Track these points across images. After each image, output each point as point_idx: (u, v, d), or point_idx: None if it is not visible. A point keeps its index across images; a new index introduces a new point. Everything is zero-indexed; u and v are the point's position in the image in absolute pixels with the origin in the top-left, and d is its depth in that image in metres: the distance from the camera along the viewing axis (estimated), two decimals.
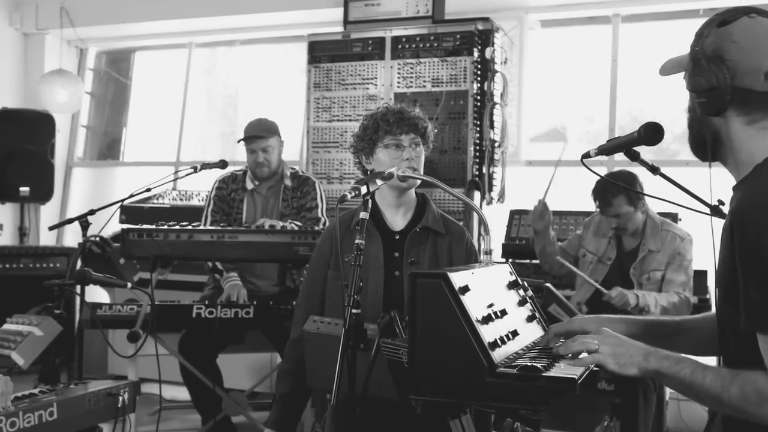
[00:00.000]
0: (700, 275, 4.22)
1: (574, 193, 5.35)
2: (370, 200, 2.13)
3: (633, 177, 3.69)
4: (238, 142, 4.18)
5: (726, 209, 1.71)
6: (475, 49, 4.74)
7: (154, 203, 5.64)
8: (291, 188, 4.16)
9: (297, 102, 6.14)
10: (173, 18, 6.22)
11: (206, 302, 3.61)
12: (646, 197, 3.80)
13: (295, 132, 5.98)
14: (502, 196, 4.89)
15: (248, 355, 4.89)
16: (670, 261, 3.78)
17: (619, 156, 2.10)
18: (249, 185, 4.18)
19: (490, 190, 4.82)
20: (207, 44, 6.69)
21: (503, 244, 4.85)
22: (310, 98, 5.18)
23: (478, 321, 1.64)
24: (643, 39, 5.36)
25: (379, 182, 2.20)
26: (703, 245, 4.57)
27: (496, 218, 4.89)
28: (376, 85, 5.00)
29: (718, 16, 1.62)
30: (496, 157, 4.86)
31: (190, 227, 3.50)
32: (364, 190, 2.10)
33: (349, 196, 2.05)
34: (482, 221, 2.10)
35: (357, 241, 2.04)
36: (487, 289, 1.82)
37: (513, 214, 4.94)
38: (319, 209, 4.14)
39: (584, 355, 1.69)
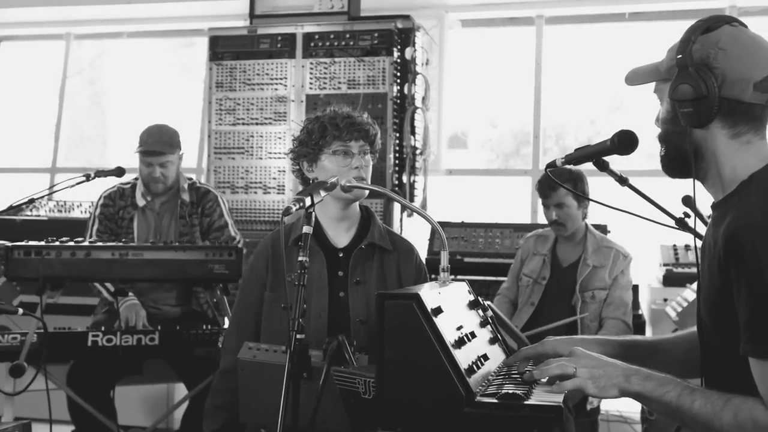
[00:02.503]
0: (633, 290, 4.36)
1: (496, 204, 5.48)
2: (313, 213, 2.07)
3: (579, 174, 3.79)
4: (136, 152, 3.98)
5: (702, 226, 1.75)
6: (394, 49, 4.76)
7: (27, 215, 5.35)
8: (189, 203, 4.00)
9: (194, 102, 6.01)
10: (49, 5, 5.94)
11: (103, 329, 3.43)
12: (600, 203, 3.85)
13: (192, 136, 5.83)
14: (423, 207, 4.93)
15: (141, 387, 4.69)
16: (614, 281, 3.86)
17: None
18: (140, 201, 3.99)
19: (411, 200, 4.84)
20: (88, 36, 6.43)
21: (426, 259, 4.88)
22: (211, 99, 5.06)
23: (452, 345, 1.62)
24: (562, 43, 5.55)
25: (322, 193, 2.15)
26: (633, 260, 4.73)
27: (417, 231, 4.91)
28: (285, 85, 4.94)
29: (701, 23, 1.66)
30: (417, 165, 4.89)
31: (86, 243, 3.32)
32: (308, 201, 2.04)
33: (294, 208, 1.99)
34: (440, 236, 2.09)
35: (301, 259, 1.98)
36: (454, 310, 1.81)
37: None
38: (230, 226, 4.02)
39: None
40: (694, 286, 3.76)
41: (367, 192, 2.54)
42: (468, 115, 5.83)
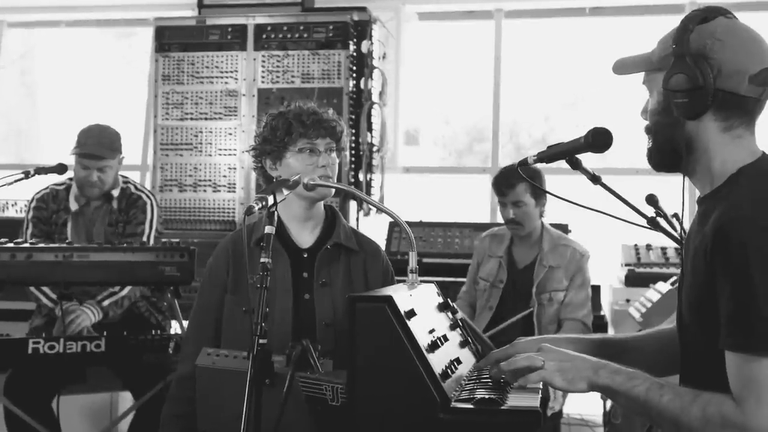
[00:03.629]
0: (593, 291, 4.43)
1: (453, 203, 5.51)
2: (276, 212, 2.05)
3: (537, 170, 3.76)
4: (73, 153, 3.88)
5: (688, 222, 1.77)
6: (350, 42, 4.76)
7: None
8: (118, 210, 3.92)
9: (135, 96, 5.92)
10: None
11: (44, 335, 3.35)
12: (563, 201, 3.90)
13: (135, 131, 5.73)
14: None
15: (82, 397, 4.60)
16: (572, 281, 3.89)
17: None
18: (73, 205, 3.91)
19: None
20: (23, 24, 6.28)
21: None
22: (157, 92, 4.99)
23: (426, 349, 1.63)
24: (519, 38, 5.61)
25: (285, 191, 2.13)
26: (594, 260, 4.82)
27: (373, 231, 4.91)
28: (236, 79, 4.90)
29: (698, 13, 1.68)
30: (374, 162, 4.89)
31: (27, 245, 3.24)
32: (270, 200, 2.02)
33: (256, 207, 1.96)
34: (398, 236, 2.09)
35: (263, 260, 1.96)
36: (425, 313, 1.82)
37: (393, 226, 4.98)
38: (145, 235, 3.89)
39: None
40: (658, 286, 3.84)
41: (333, 191, 2.54)
42: (422, 111, 5.85)
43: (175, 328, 3.72)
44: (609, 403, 4.29)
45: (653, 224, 2.15)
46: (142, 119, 5.75)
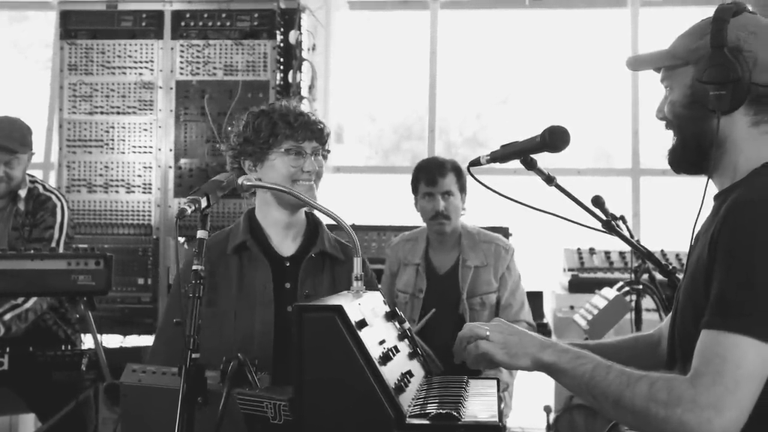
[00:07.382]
0: (535, 297, 4.50)
1: (384, 204, 5.54)
2: (209, 215, 2.02)
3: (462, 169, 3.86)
4: None
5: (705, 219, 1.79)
6: (277, 32, 4.74)
7: None
8: (24, 212, 3.83)
9: (31, 86, 5.78)
10: None
11: None
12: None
13: (38, 125, 5.58)
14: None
15: None
16: (501, 280, 3.89)
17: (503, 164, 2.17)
18: None
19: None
20: None
21: None
22: (63, 83, 4.87)
23: (378, 362, 1.63)
24: (454, 31, 5.67)
25: (219, 193, 2.10)
26: (535, 265, 4.91)
27: None
28: (152, 70, 4.82)
29: (730, 6, 1.73)
30: None
31: None
32: (203, 203, 1.99)
33: (188, 210, 1.93)
34: (353, 241, 2.10)
35: (195, 267, 1.92)
36: (375, 323, 1.82)
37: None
38: (54, 240, 3.81)
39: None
40: (604, 291, 3.92)
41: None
42: (350, 107, 5.86)
43: (87, 342, 3.63)
44: (552, 416, 4.37)
45: (608, 227, 2.20)
46: (43, 112, 5.61)
